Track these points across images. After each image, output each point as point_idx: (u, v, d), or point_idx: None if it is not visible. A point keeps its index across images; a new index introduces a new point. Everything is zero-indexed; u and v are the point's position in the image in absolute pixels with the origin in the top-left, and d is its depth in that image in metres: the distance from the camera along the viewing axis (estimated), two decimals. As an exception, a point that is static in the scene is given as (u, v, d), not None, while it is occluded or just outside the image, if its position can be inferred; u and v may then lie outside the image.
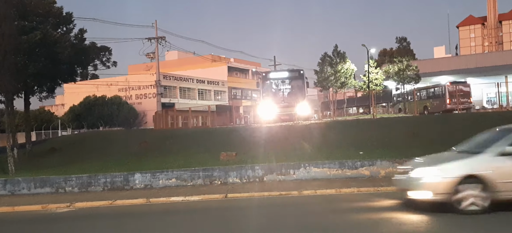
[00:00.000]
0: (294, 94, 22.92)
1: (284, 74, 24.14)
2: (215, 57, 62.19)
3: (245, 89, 65.18)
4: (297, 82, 23.30)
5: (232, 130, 20.71)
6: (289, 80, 23.20)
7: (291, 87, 23.11)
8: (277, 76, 23.78)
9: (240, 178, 12.17)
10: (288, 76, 23.53)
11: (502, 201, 7.16)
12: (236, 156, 13.72)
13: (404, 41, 53.55)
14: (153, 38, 37.11)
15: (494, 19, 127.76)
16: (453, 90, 31.13)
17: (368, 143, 14.21)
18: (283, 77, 23.46)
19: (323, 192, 10.23)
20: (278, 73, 25.09)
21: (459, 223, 6.83)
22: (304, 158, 12.65)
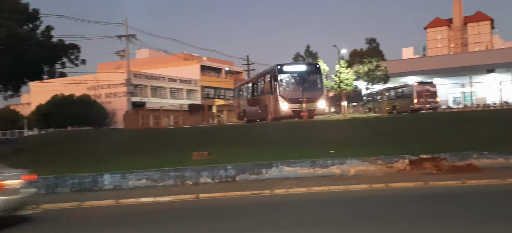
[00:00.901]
0: (314, 88, 22.10)
1: (301, 67, 23.50)
2: (188, 56, 61.62)
3: (218, 88, 64.91)
4: (315, 75, 22.47)
5: (204, 130, 20.60)
6: (308, 74, 22.20)
7: (310, 81, 22.11)
8: (294, 69, 22.73)
9: (212, 178, 12.10)
10: (306, 70, 22.68)
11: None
12: (208, 156, 13.62)
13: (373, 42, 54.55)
14: (123, 36, 36.46)
15: (460, 21, 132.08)
16: (421, 90, 32.07)
17: (339, 142, 14.39)
18: (301, 70, 22.55)
19: (295, 191, 10.30)
20: (295, 66, 24.46)
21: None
22: (276, 157, 12.70)
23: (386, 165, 11.95)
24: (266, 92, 22.80)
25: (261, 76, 25.07)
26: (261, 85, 24.45)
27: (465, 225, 6.65)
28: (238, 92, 30.63)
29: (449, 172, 11.34)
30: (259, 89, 24.86)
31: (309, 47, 57.45)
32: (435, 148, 12.57)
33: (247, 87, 28.25)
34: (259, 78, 25.29)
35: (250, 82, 27.98)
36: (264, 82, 23.75)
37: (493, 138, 13.34)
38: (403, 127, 16.90)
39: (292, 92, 21.32)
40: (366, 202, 9.03)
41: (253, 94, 25.93)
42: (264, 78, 23.78)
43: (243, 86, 30.04)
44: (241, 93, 29.50)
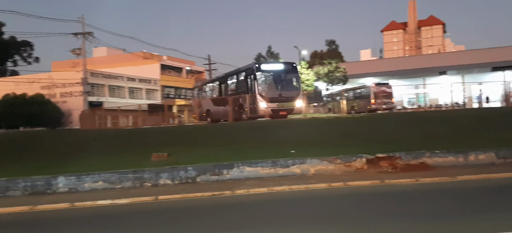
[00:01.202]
0: (292, 87, 21.97)
1: (279, 66, 22.93)
2: (147, 55, 60.46)
3: (179, 88, 64.09)
4: (293, 74, 22.31)
5: (164, 130, 20.27)
6: (285, 73, 22.00)
7: (288, 80, 21.99)
8: (273, 68, 22.36)
9: (172, 179, 11.91)
10: (283, 68, 22.37)
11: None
12: (168, 157, 13.40)
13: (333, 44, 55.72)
14: (79, 33, 35.38)
15: (414, 25, 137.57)
16: (377, 91, 33.20)
17: (300, 142, 14.57)
18: (279, 69, 22.18)
19: (256, 191, 10.32)
20: (273, 64, 23.85)
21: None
22: (238, 158, 12.67)
23: (344, 164, 12.21)
24: (240, 91, 22.49)
25: (233, 74, 24.67)
26: (233, 84, 24.12)
27: (418, 221, 6.95)
28: (200, 91, 30.19)
29: (404, 170, 11.74)
30: (230, 88, 24.54)
31: (271, 47, 58.04)
32: (390, 147, 12.98)
33: (212, 86, 27.83)
34: (230, 77, 24.89)
35: (217, 81, 27.47)
36: (237, 80, 23.40)
37: (444, 137, 13.97)
38: (360, 127, 17.37)
39: (271, 91, 21.16)
40: (325, 201, 9.21)
41: (222, 93, 25.57)
42: (238, 76, 23.44)
43: (205, 85, 29.62)
44: (204, 92, 29.13)
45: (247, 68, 22.51)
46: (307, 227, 7.01)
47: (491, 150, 12.23)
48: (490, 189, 9.47)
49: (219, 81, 26.69)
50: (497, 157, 12.13)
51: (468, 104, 40.02)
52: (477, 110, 25.11)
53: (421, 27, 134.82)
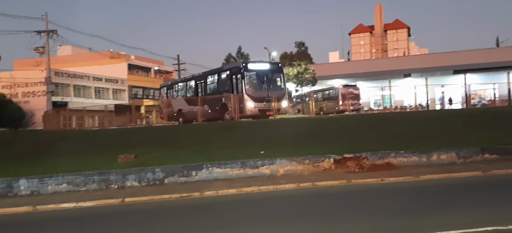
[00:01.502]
0: (278, 87, 21.86)
1: (265, 66, 22.63)
2: (114, 54, 59.20)
3: (147, 88, 63.03)
4: (278, 74, 22.21)
5: (132, 131, 19.90)
6: (271, 73, 21.85)
7: (274, 80, 21.87)
8: (259, 68, 22.02)
9: (139, 181, 11.70)
10: (271, 68, 22.28)
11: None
12: (135, 158, 13.15)
13: (302, 46, 56.39)
14: (43, 31, 34.22)
15: (381, 28, 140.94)
16: (345, 93, 33.82)
17: (269, 143, 14.63)
18: (266, 69, 21.97)
19: (225, 192, 10.29)
20: (260, 64, 23.22)
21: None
22: (207, 159, 12.59)
23: (313, 165, 12.35)
24: (223, 90, 22.09)
25: (214, 73, 24.24)
26: (214, 83, 23.67)
27: (384, 219, 7.13)
28: (169, 91, 29.49)
29: (370, 170, 12.00)
30: (209, 87, 24.01)
31: (241, 48, 58.17)
32: (357, 147, 13.24)
33: (185, 86, 27.05)
34: (210, 76, 24.39)
35: (192, 80, 26.51)
36: (219, 80, 22.88)
37: (408, 138, 14.38)
38: (329, 127, 17.62)
39: (258, 91, 20.94)
40: (294, 201, 9.29)
41: (198, 92, 24.92)
42: (220, 75, 22.99)
43: (176, 85, 28.87)
44: (174, 92, 28.47)
45: (232, 67, 22.29)
46: (276, 228, 7.05)
47: (452, 150, 12.69)
48: (451, 188, 9.82)
49: (195, 80, 25.92)
50: (458, 157, 12.60)
51: (431, 105, 41.40)
52: (440, 112, 26.03)
53: (387, 30, 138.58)
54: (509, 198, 8.48)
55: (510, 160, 12.49)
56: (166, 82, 33.70)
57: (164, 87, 30.78)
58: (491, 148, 12.82)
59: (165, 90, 30.15)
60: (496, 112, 20.17)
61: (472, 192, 9.32)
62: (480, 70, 41.89)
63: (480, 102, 39.42)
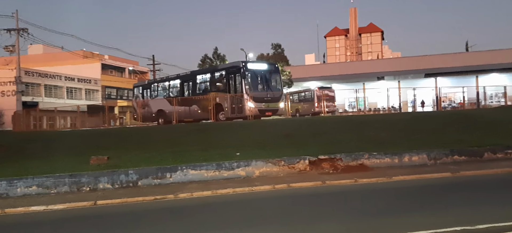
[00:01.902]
0: (276, 87, 21.70)
1: (264, 66, 22.34)
2: (87, 53, 57.99)
3: (121, 88, 61.98)
4: (276, 75, 22.02)
5: (105, 132, 19.53)
6: (270, 73, 21.61)
7: (273, 80, 21.65)
8: (258, 68, 21.74)
9: (112, 183, 11.48)
10: (269, 68, 22.01)
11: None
12: (108, 160, 12.91)
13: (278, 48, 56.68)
14: (13, 29, 33.23)
15: (355, 32, 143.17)
16: (321, 95, 34.16)
17: (245, 144, 14.64)
18: (264, 69, 21.70)
19: (200, 194, 10.23)
20: (259, 64, 22.94)
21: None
22: (181, 161, 12.49)
23: (288, 166, 12.42)
24: (217, 90, 21.60)
25: (206, 73, 23.89)
26: (205, 83, 23.16)
27: (357, 220, 7.24)
28: (145, 91, 28.63)
29: (344, 171, 12.16)
30: (199, 87, 23.48)
31: (217, 49, 57.87)
32: (332, 149, 13.40)
33: (168, 86, 26.35)
34: (201, 75, 23.83)
35: (177, 79, 25.74)
36: (213, 79, 22.29)
37: (381, 139, 14.65)
38: (304, 129, 17.76)
39: (258, 91, 20.66)
40: (269, 203, 9.32)
41: (184, 92, 24.37)
42: (213, 75, 22.48)
43: (155, 85, 27.94)
44: (153, 92, 27.69)
45: (230, 66, 21.57)
46: (250, 229, 7.04)
47: (424, 152, 13.01)
48: (422, 189, 10.06)
49: (181, 79, 25.18)
50: (429, 159, 12.93)
51: (403, 108, 42.31)
52: (411, 114, 26.62)
53: (362, 34, 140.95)
54: (477, 199, 8.75)
55: (478, 161, 12.92)
56: (141, 82, 32.77)
57: (138, 87, 29.82)
58: (460, 150, 13.22)
59: (140, 90, 29.27)
60: (465, 114, 20.79)
61: (442, 193, 9.58)
62: (450, 73, 43.11)
63: (450, 105, 40.60)
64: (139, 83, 32.57)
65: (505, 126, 16.53)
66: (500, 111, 22.57)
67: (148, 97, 27.75)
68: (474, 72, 41.79)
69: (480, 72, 41.35)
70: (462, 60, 45.75)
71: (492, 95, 40.02)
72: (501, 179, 10.82)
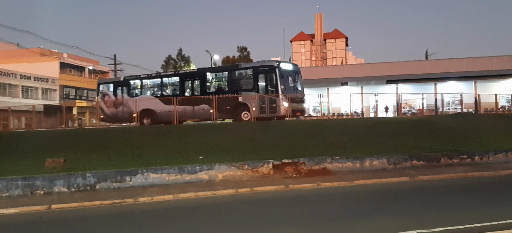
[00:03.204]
0: (302, 88, 21.91)
1: (291, 66, 22.39)
2: (45, 51, 55.86)
3: (80, 88, 59.99)
4: (300, 76, 22.27)
5: (62, 134, 18.77)
6: (296, 73, 21.75)
7: (299, 81, 21.80)
8: (289, 68, 21.73)
9: (68, 187, 11.02)
10: (295, 69, 22.15)
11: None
12: (64, 162, 12.37)
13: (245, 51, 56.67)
14: (-37, 23, 31.35)
15: (320, 37, 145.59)
16: (286, 99, 34.22)
17: (208, 148, 14.46)
18: (292, 70, 21.84)
19: (161, 199, 9.98)
20: (288, 64, 22.68)
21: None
22: (142, 164, 12.16)
23: (252, 170, 12.36)
24: (240, 89, 21.32)
25: (221, 71, 23.47)
26: (221, 81, 22.48)
27: (318, 224, 7.27)
28: (122, 88, 25.67)
29: (307, 175, 12.25)
30: (212, 86, 22.61)
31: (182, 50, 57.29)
32: (296, 153, 13.47)
33: (160, 83, 24.49)
34: (210, 73, 23.21)
35: (173, 77, 24.61)
36: (233, 78, 21.92)
37: (343, 144, 14.86)
38: (268, 133, 17.75)
39: (290, 91, 20.77)
40: (231, 207, 9.21)
41: (185, 91, 23.23)
42: (232, 74, 22.12)
43: (138, 82, 25.58)
44: (134, 89, 25.13)
45: (261, 65, 21.38)
46: (212, 234, 6.91)
47: (384, 157, 13.31)
48: (381, 193, 10.26)
49: (182, 77, 23.79)
50: (389, 163, 13.24)
51: (365, 113, 43.31)
52: (373, 119, 27.26)
53: (327, 39, 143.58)
54: (433, 203, 9.00)
55: (435, 166, 13.36)
56: (111, 78, 29.96)
57: (107, 84, 27.03)
58: (419, 155, 13.62)
59: (109, 88, 26.50)
60: (424, 121, 21.48)
61: (400, 197, 9.80)
62: (410, 80, 44.51)
63: (410, 111, 41.90)
64: (107, 79, 30.14)
65: (461, 133, 17.21)
66: (457, 118, 23.48)
67: (123, 95, 25.33)
68: (433, 80, 43.34)
69: (438, 80, 42.92)
70: (422, 68, 47.41)
71: (449, 102, 41.66)
72: (456, 183, 11.21)
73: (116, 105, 25.54)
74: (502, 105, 37.83)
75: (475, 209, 8.03)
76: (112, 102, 25.74)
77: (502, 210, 7.83)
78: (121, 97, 25.48)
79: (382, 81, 45.45)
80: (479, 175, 12.18)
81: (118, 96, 25.60)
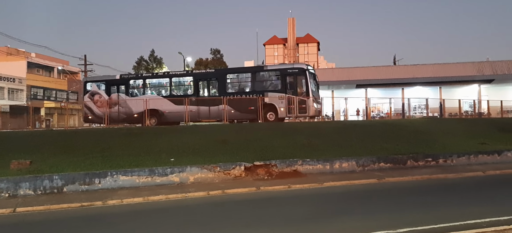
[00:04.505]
0: (319, 90, 22.97)
1: (314, 70, 23.16)
2: (12, 50, 54.00)
3: (48, 89, 58.30)
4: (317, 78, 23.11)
5: (28, 135, 18.23)
6: (316, 76, 22.66)
7: (318, 83, 22.76)
8: (313, 72, 22.64)
9: (35, 189, 10.74)
10: (315, 72, 22.98)
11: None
12: (31, 164, 12.06)
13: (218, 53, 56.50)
14: None
15: (293, 41, 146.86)
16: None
17: (180, 150, 14.39)
18: (315, 73, 22.76)
19: (130, 201, 9.88)
20: (312, 68, 23.37)
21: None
22: (112, 166, 11.99)
23: (224, 172, 12.39)
24: (266, 90, 21.89)
25: (245, 72, 23.61)
26: (244, 82, 22.74)
27: (288, 226, 7.38)
28: (118, 87, 24.33)
29: (278, 177, 12.38)
30: (232, 86, 22.77)
31: (154, 52, 56.55)
32: (267, 155, 13.59)
33: (168, 83, 23.88)
34: (233, 74, 23.30)
35: (185, 76, 24.14)
36: (258, 79, 22.37)
37: (314, 146, 15.10)
38: (241, 135, 17.80)
39: (316, 93, 21.88)
40: (202, 210, 9.22)
41: (200, 91, 23.16)
42: (257, 75, 22.57)
43: (141, 81, 24.66)
44: (135, 89, 24.29)
45: (291, 68, 22.21)
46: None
47: (353, 159, 13.61)
48: (350, 195, 10.50)
49: (197, 77, 23.37)
50: (357, 165, 13.55)
51: (336, 116, 44.00)
52: (342, 122, 27.74)
53: (299, 43, 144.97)
54: (399, 204, 9.29)
55: (401, 168, 13.76)
56: (104, 76, 27.24)
57: (98, 83, 25.15)
58: (386, 157, 14.00)
59: (100, 87, 24.82)
60: (392, 124, 22.06)
61: (368, 199, 10.06)
62: (379, 85, 45.58)
63: (378, 115, 42.86)
64: (97, 77, 26.86)
65: (426, 136, 17.78)
66: (422, 121, 24.21)
67: (120, 95, 23.96)
68: (401, 85, 44.51)
69: (405, 85, 44.12)
70: (390, 73, 48.59)
71: (416, 107, 42.86)
72: (421, 185, 11.59)
73: (110, 105, 24.00)
74: (465, 109, 39.31)
75: (439, 210, 8.34)
76: (104, 101, 24.10)
77: (464, 211, 8.17)
78: (116, 96, 24.06)
79: (352, 85, 46.28)
80: (444, 177, 12.62)
81: (113, 96, 24.13)
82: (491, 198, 9.78)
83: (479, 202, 9.18)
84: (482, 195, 10.25)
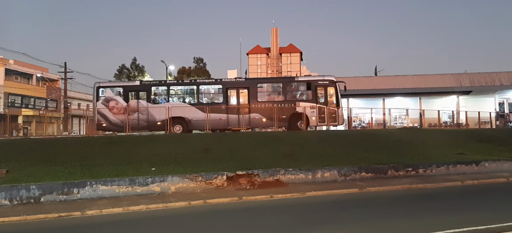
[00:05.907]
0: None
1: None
2: (-11, 56, 52.74)
3: (27, 96, 57.10)
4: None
5: (5, 143, 17.75)
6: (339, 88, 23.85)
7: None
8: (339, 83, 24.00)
9: (11, 199, 10.47)
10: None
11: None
12: (7, 173, 11.75)
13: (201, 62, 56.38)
14: None
15: (276, 51, 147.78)
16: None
17: (161, 159, 14.23)
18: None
19: (110, 211, 9.70)
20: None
21: None
22: (91, 176, 11.77)
23: (205, 182, 12.29)
24: (296, 100, 22.97)
25: (275, 82, 24.86)
26: (273, 92, 23.71)
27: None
28: (137, 93, 23.25)
29: (261, 187, 12.35)
30: (260, 95, 23.29)
31: (136, 60, 56.11)
32: (250, 164, 13.55)
33: (196, 91, 23.41)
34: (263, 84, 24.05)
35: (215, 84, 23.90)
36: (288, 89, 23.36)
37: (296, 156, 15.13)
38: (223, 144, 17.73)
39: (342, 103, 23.50)
40: (182, 220, 9.11)
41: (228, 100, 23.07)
42: (287, 85, 23.49)
43: (165, 89, 23.77)
44: (160, 96, 23.88)
45: (321, 79, 23.75)
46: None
47: (335, 169, 13.70)
48: (332, 204, 10.54)
49: (227, 86, 23.37)
50: (339, 175, 13.64)
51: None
52: (325, 132, 27.91)
53: (282, 53, 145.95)
54: (380, 213, 9.37)
55: (382, 178, 13.90)
56: (122, 82, 25.97)
57: (114, 89, 23.76)
58: (367, 167, 14.14)
59: (117, 93, 23.49)
60: (373, 134, 22.30)
61: (349, 208, 10.11)
62: (361, 95, 46.12)
63: (359, 125, 43.31)
64: (112, 83, 25.48)
65: (407, 146, 18.03)
66: (403, 131, 24.53)
67: (140, 101, 22.97)
68: (382, 95, 45.12)
69: (386, 95, 44.74)
70: (372, 84, 49.25)
71: (396, 117, 43.46)
72: (402, 194, 11.72)
73: (129, 111, 22.99)
74: (444, 120, 40.04)
75: (418, 219, 8.43)
76: (122, 108, 22.99)
77: (443, 219, 8.28)
78: (135, 103, 23.04)
79: (334, 95, 46.61)
80: (423, 186, 12.80)
81: (131, 102, 23.10)
82: (470, 207, 9.95)
83: (458, 212, 9.32)
84: (461, 204, 10.42)
